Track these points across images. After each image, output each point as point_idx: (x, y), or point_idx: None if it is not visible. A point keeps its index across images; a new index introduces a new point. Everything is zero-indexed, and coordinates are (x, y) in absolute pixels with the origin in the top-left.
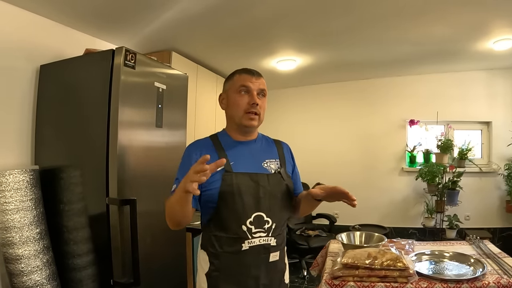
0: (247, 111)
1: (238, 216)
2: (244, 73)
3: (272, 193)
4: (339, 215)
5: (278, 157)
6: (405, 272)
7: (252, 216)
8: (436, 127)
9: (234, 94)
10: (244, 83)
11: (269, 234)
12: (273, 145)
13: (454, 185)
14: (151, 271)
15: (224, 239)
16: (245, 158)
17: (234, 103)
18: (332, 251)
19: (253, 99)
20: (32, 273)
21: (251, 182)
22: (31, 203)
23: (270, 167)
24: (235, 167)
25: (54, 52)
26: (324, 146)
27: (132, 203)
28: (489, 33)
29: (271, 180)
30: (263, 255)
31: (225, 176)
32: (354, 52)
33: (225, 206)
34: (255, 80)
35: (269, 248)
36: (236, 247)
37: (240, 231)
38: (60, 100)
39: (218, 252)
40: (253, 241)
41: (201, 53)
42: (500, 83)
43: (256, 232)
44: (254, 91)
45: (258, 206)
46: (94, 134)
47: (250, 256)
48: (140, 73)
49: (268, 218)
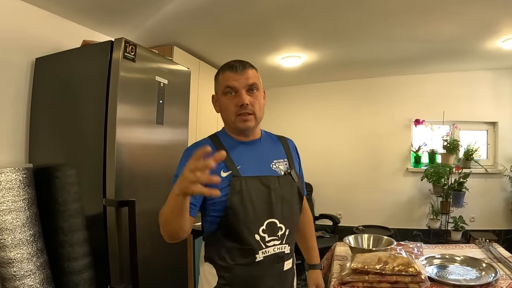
0: (238, 113)
1: (250, 225)
2: (227, 71)
3: (284, 197)
4: (342, 216)
5: (286, 156)
6: (417, 278)
7: (265, 224)
8: (442, 127)
9: (222, 97)
10: (228, 83)
11: (283, 242)
12: (278, 142)
13: (460, 186)
14: (151, 276)
15: (236, 250)
16: (252, 160)
17: (223, 107)
18: (339, 254)
19: (241, 99)
20: (25, 278)
21: (262, 187)
22: (24, 204)
23: (279, 168)
24: (242, 171)
25: (50, 45)
26: (328, 146)
27: (130, 205)
28: (498, 32)
29: (282, 182)
30: (277, 264)
31: (234, 182)
32: (361, 49)
33: (235, 214)
34: (239, 76)
35: (283, 257)
36: (250, 259)
37: (253, 241)
38: (56, 95)
39: (230, 265)
40: (267, 250)
41: (204, 48)
42: (506, 84)
43: (270, 241)
44: (242, 89)
45: (271, 212)
46: (91, 130)
47: (265, 267)
48: (140, 66)
49: (281, 224)
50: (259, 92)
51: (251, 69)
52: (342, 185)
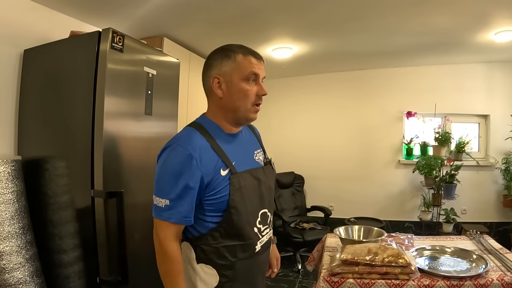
0: (256, 103)
1: (250, 219)
2: (251, 56)
3: (269, 186)
4: (334, 208)
5: (259, 146)
6: (406, 269)
7: (259, 215)
8: (434, 120)
9: (240, 82)
10: (254, 70)
11: (270, 227)
12: (251, 132)
13: (451, 179)
14: (140, 268)
15: (238, 247)
16: (241, 153)
17: (241, 93)
18: (329, 245)
19: (262, 89)
20: (14, 270)
21: (253, 180)
22: (12, 196)
23: (260, 159)
24: (237, 166)
25: (38, 36)
26: (320, 138)
27: (118, 196)
28: (490, 24)
29: (267, 173)
30: (267, 248)
31: (233, 180)
32: (352, 41)
33: (238, 212)
34: (261, 66)
35: (270, 241)
36: (251, 251)
37: (253, 234)
38: (44, 87)
39: (232, 262)
40: (263, 240)
41: (194, 40)
42: (498, 77)
43: (264, 230)
44: (261, 79)
45: (263, 203)
46: (79, 122)
47: (262, 254)
48: (128, 57)
49: (269, 212)
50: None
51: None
52: (333, 177)
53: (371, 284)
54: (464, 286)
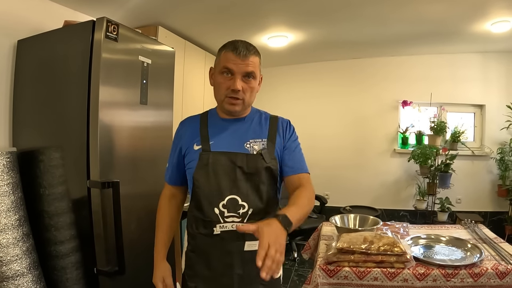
0: (228, 95)
1: (211, 198)
2: (230, 51)
3: (251, 175)
4: (330, 196)
5: (266, 137)
6: (402, 258)
7: (226, 199)
8: (429, 109)
9: (217, 75)
10: (226, 64)
11: (244, 220)
12: (266, 123)
13: (446, 168)
14: (137, 258)
15: (200, 220)
16: (227, 137)
17: (217, 85)
18: (325, 234)
19: (234, 84)
20: (11, 263)
21: (228, 162)
22: (8, 188)
23: (253, 148)
24: (214, 146)
25: (32, 27)
26: (315, 127)
27: (115, 186)
28: (487, 14)
29: (250, 161)
30: (236, 242)
31: (202, 156)
32: (348, 29)
33: (200, 186)
34: (240, 62)
35: (243, 235)
36: (209, 230)
37: (212, 214)
38: (39, 78)
39: (195, 233)
40: (225, 225)
41: (189, 28)
42: (494, 67)
43: (229, 217)
44: (238, 75)
45: (234, 188)
46: (74, 112)
47: (222, 241)
48: (123, 46)
49: (244, 202)
50: (255, 81)
51: (254, 56)
52: (329, 166)
53: (367, 273)
54: (459, 275)
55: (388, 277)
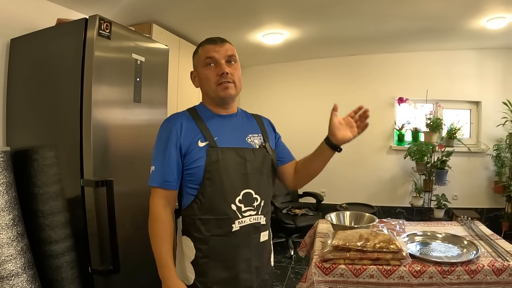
0: (219, 82)
1: (227, 195)
2: (207, 44)
3: (259, 168)
4: (326, 194)
5: (260, 131)
6: (398, 255)
7: (241, 194)
8: (425, 106)
9: (202, 69)
10: (208, 54)
11: (258, 212)
12: (253, 119)
13: (443, 165)
14: (132, 257)
15: (212, 221)
16: (229, 132)
17: (204, 78)
18: (321, 231)
19: (221, 69)
20: (6, 263)
21: (238, 158)
22: (2, 188)
23: (254, 142)
24: (219, 142)
25: (25, 25)
26: (311, 124)
27: (108, 185)
28: (483, 11)
29: (257, 155)
30: (254, 235)
31: (210, 152)
32: (344, 26)
33: (211, 184)
34: (219, 48)
35: (259, 228)
36: (226, 229)
37: (230, 211)
38: (32, 76)
39: (206, 237)
40: (243, 220)
41: (183, 26)
42: (490, 63)
43: (246, 211)
44: (221, 59)
45: (247, 182)
46: (68, 111)
47: (241, 237)
48: (116, 43)
49: (257, 195)
50: (237, 64)
51: (228, 43)
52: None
53: (363, 270)
54: (455, 271)
55: (384, 275)
